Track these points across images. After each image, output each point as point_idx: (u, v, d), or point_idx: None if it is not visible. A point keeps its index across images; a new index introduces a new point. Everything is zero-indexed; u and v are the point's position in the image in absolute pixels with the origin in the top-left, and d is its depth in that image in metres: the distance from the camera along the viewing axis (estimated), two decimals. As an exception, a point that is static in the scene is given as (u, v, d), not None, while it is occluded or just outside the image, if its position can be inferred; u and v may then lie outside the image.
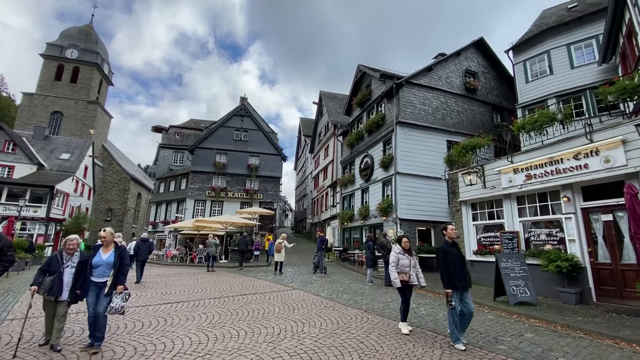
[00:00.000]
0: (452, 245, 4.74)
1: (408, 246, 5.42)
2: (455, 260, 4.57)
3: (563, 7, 15.83)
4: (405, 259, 5.24)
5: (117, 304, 4.17)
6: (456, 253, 4.67)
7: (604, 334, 4.99)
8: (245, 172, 27.67)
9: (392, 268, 5.16)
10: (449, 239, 4.79)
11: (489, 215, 9.99)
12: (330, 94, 31.99)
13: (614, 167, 6.74)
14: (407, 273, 5.18)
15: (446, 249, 4.65)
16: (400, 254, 5.28)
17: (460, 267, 4.58)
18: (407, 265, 5.21)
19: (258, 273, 13.20)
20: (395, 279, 5.08)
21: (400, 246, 5.40)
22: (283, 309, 6.67)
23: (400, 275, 5.13)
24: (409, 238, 5.61)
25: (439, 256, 4.70)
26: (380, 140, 16.84)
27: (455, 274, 4.47)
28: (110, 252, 4.38)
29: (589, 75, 12.76)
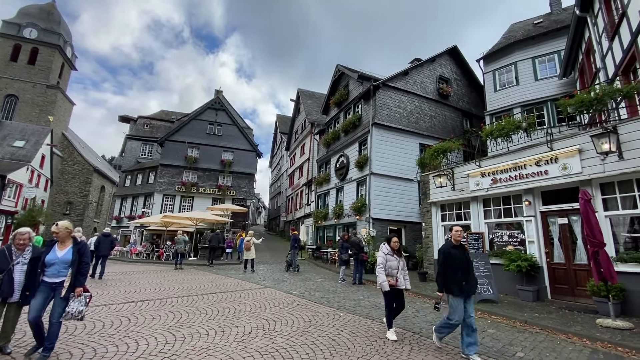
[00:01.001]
0: (457, 248, 4.39)
1: (397, 246, 5.08)
2: (457, 264, 4.23)
3: (530, 22, 16.81)
4: (393, 261, 4.91)
5: (75, 309, 3.73)
6: (460, 256, 4.31)
7: (557, 329, 5.37)
8: (218, 167, 26.94)
9: (380, 270, 4.79)
10: (454, 241, 4.44)
11: (457, 217, 10.42)
12: (308, 92, 31.91)
13: (571, 174, 7.27)
14: (395, 276, 4.86)
15: (447, 251, 4.34)
16: (389, 254, 4.94)
17: (463, 271, 4.22)
18: (395, 267, 4.88)
19: (229, 271, 12.93)
20: (383, 281, 4.70)
21: (389, 246, 5.04)
22: (254, 307, 6.57)
23: (387, 278, 4.78)
24: (399, 239, 5.24)
25: (439, 258, 4.43)
26: (356, 141, 17.05)
27: (454, 278, 4.17)
28: (68, 248, 3.85)
29: (550, 87, 13.66)
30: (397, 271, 4.88)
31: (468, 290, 4.18)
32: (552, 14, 16.43)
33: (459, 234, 4.44)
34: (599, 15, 9.41)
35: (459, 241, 4.43)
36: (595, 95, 6.96)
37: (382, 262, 4.85)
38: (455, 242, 4.42)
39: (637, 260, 6.03)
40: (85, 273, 3.94)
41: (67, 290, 3.80)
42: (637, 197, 6.30)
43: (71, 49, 43.96)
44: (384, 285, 4.68)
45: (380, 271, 4.79)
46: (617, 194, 6.60)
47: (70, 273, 3.86)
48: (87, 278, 4.04)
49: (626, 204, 6.47)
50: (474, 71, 19.78)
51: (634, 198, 6.34)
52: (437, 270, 4.41)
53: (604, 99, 6.93)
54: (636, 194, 6.31)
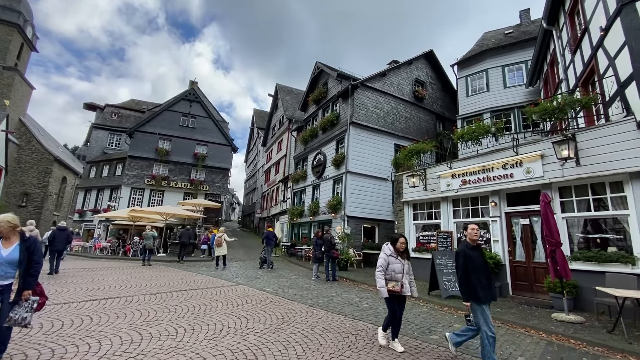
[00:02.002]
0: (474, 249, 3.96)
1: (404, 248, 4.40)
2: (479, 267, 3.81)
3: (501, 32, 17.62)
4: (397, 264, 4.27)
5: (18, 315, 3.27)
6: (479, 258, 3.91)
7: (517, 323, 5.71)
8: (191, 161, 26.10)
9: (379, 274, 4.23)
10: (471, 241, 4.00)
11: (428, 216, 10.77)
12: (287, 87, 31.63)
13: (533, 177, 7.72)
14: (399, 281, 4.22)
15: (467, 253, 3.85)
16: (392, 256, 4.31)
17: (485, 275, 3.83)
18: (399, 271, 4.25)
19: (200, 268, 12.60)
20: (382, 287, 4.16)
21: (393, 247, 4.40)
22: (226, 304, 6.45)
23: (390, 283, 4.20)
24: (406, 239, 4.54)
25: (458, 261, 3.88)
26: (334, 139, 17.14)
27: (479, 283, 3.73)
28: (14, 246, 3.34)
29: (518, 95, 14.42)
30: (402, 275, 4.26)
31: (492, 295, 3.84)
32: (521, 25, 17.31)
33: (475, 233, 4.00)
34: (563, 29, 10.04)
35: (475, 241, 4.01)
36: (558, 105, 7.43)
37: (383, 264, 4.28)
38: (472, 242, 4.00)
39: (589, 259, 6.52)
40: (35, 274, 3.47)
41: (16, 293, 3.36)
42: (591, 200, 6.81)
43: (32, 29, 40.67)
44: (382, 291, 4.17)
45: (379, 275, 4.24)
46: (573, 197, 7.10)
47: (17, 274, 3.40)
48: (37, 279, 3.55)
49: (581, 207, 6.98)
50: (448, 76, 20.48)
51: (588, 201, 6.85)
52: (459, 275, 3.87)
53: (565, 109, 7.41)
54: (590, 198, 6.82)
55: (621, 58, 6.42)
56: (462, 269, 3.82)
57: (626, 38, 6.14)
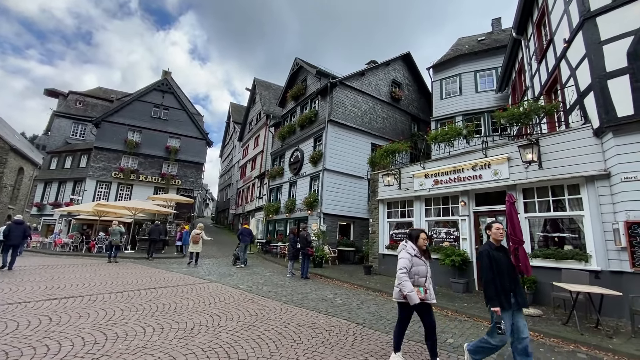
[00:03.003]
0: (499, 250, 3.58)
1: (426, 245, 3.83)
2: (504, 269, 3.44)
3: (475, 38, 18.33)
4: (421, 265, 3.68)
5: None
6: (505, 260, 3.53)
7: (482, 317, 6.01)
8: (162, 154, 25.12)
9: (404, 276, 3.53)
10: (495, 241, 3.63)
11: (401, 214, 11.06)
12: (265, 82, 31.18)
13: (500, 179, 8.13)
14: (423, 286, 3.64)
15: (492, 254, 3.48)
16: (417, 256, 3.70)
17: (511, 279, 3.46)
18: (423, 274, 3.67)
19: (171, 265, 12.21)
20: (412, 291, 3.44)
21: (415, 245, 3.79)
22: (198, 302, 6.30)
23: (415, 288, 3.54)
24: (427, 234, 3.98)
25: (483, 263, 3.50)
26: (312, 136, 17.13)
27: (502, 287, 3.37)
28: None
29: (488, 100, 15.10)
30: (426, 279, 3.70)
31: (523, 301, 3.45)
32: (493, 33, 18.10)
33: (500, 233, 3.61)
34: (531, 39, 10.61)
35: (499, 241, 3.64)
36: (524, 111, 7.86)
37: (407, 265, 3.61)
38: (496, 242, 3.63)
39: (547, 256, 6.98)
40: None
41: None
42: (551, 201, 7.28)
43: (-16, 5, 37.33)
44: (413, 296, 3.41)
45: (404, 277, 3.54)
46: (535, 198, 7.55)
47: None
48: None
49: (542, 208, 7.45)
50: (424, 78, 21.04)
51: (549, 202, 7.32)
52: (484, 278, 3.47)
53: (530, 114, 7.86)
54: (550, 199, 7.29)
55: (581, 69, 6.88)
56: (487, 269, 3.43)
57: (586, 51, 6.59)
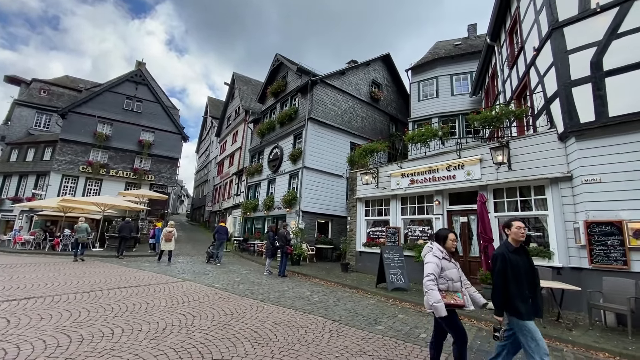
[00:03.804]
0: (518, 252, 3.20)
1: (455, 247, 3.38)
2: (522, 274, 3.10)
3: (451, 43, 18.88)
4: (452, 268, 3.26)
5: None
6: (524, 264, 3.16)
7: (453, 312, 6.23)
8: (135, 148, 24.11)
9: (431, 284, 3.07)
10: (514, 241, 3.23)
11: (379, 212, 11.25)
12: (245, 77, 30.64)
13: (473, 179, 8.45)
14: (458, 291, 3.22)
15: (507, 257, 3.12)
16: (446, 259, 3.26)
17: (530, 284, 3.14)
18: (456, 278, 3.24)
19: (142, 263, 11.76)
20: (439, 302, 2.96)
21: (443, 246, 3.33)
22: (171, 302, 6.11)
23: (448, 295, 3.13)
24: (456, 234, 3.53)
25: (495, 266, 3.16)
26: (292, 134, 17.04)
27: (520, 294, 3.04)
28: None
29: (463, 103, 15.62)
30: (460, 284, 3.27)
31: (536, 309, 3.14)
32: (469, 39, 18.72)
33: (522, 233, 3.22)
34: (504, 46, 11.06)
35: (519, 242, 3.24)
36: (496, 114, 8.20)
37: (435, 270, 3.15)
38: (516, 243, 3.23)
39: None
40: None
41: None
42: (519, 201, 7.65)
43: None
44: (439, 307, 2.94)
45: (431, 285, 3.07)
46: (504, 198, 7.92)
47: None
48: None
49: (510, 207, 7.81)
50: (402, 80, 21.44)
51: (517, 202, 7.70)
52: (494, 282, 3.15)
53: (502, 118, 8.20)
54: (518, 199, 7.67)
55: (549, 76, 7.26)
56: (499, 274, 3.10)
57: (554, 59, 6.96)
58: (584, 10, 6.58)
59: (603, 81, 6.12)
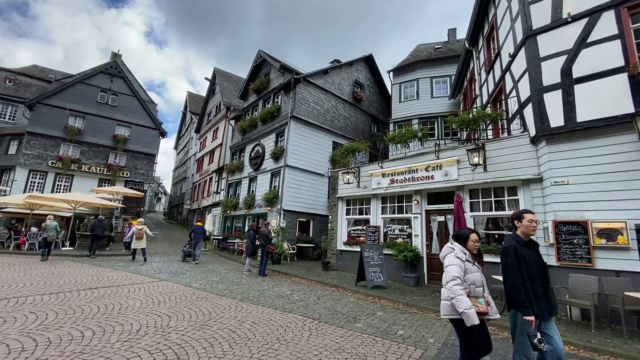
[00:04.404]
0: (529, 246, 3.04)
1: (478, 247, 3.12)
2: (534, 269, 2.90)
3: (432, 46, 19.31)
4: (476, 272, 3.00)
5: None
6: (534, 258, 2.98)
7: (430, 309, 6.40)
8: (109, 143, 23.13)
9: (458, 288, 2.80)
10: (523, 235, 3.07)
11: (359, 211, 11.37)
12: (227, 73, 30.07)
13: (450, 179, 8.69)
14: (482, 297, 2.97)
15: (519, 250, 2.93)
16: (469, 261, 3.01)
17: (541, 281, 2.93)
18: (479, 282, 2.98)
19: (116, 263, 11.34)
20: (469, 308, 2.71)
21: (464, 247, 3.09)
22: (146, 302, 5.93)
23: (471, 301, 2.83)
24: (479, 235, 3.26)
25: (508, 261, 2.94)
26: (274, 132, 16.90)
27: (533, 292, 2.84)
28: None
29: (442, 105, 16.02)
30: (483, 289, 3.02)
31: (550, 308, 2.90)
32: (449, 43, 19.21)
33: (533, 227, 3.03)
34: (481, 51, 11.42)
35: (529, 236, 3.08)
36: (473, 117, 8.47)
37: (460, 273, 2.89)
38: (525, 237, 3.06)
39: (488, 252, 7.59)
40: None
41: None
42: (493, 202, 7.95)
43: None
44: (471, 315, 2.68)
45: (459, 290, 2.80)
46: (480, 198, 8.19)
47: None
48: None
49: (485, 207, 8.10)
50: (384, 81, 21.72)
51: (491, 202, 7.99)
52: (510, 280, 2.90)
53: (478, 121, 8.49)
54: (492, 200, 7.96)
55: (523, 82, 7.57)
56: (514, 269, 2.88)
57: (527, 66, 7.26)
58: (557, 19, 6.90)
59: (572, 88, 6.45)
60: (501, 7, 9.19)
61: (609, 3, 6.26)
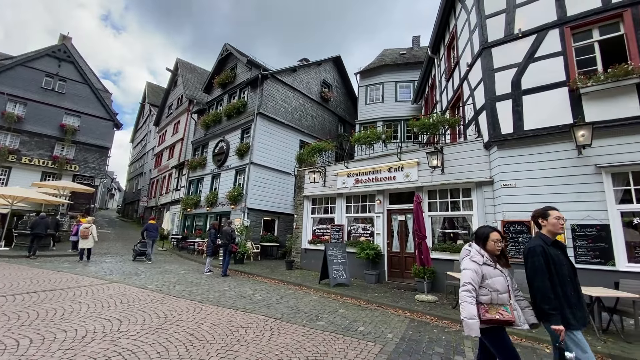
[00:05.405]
0: (556, 246, 2.71)
1: (500, 248, 2.70)
2: (567, 274, 2.60)
3: (397, 51, 19.97)
4: (499, 276, 2.62)
5: None
6: (566, 261, 2.68)
7: (389, 305, 6.62)
8: (55, 133, 21.13)
9: (466, 295, 2.50)
10: (550, 234, 2.75)
11: (325, 210, 11.46)
12: (190, 65, 28.78)
13: (411, 180, 9.06)
14: (506, 304, 2.55)
15: (547, 251, 2.62)
16: (488, 264, 2.64)
17: (573, 285, 2.61)
18: (504, 287, 2.58)
19: (61, 264, 10.40)
20: (472, 317, 2.42)
21: (483, 249, 2.72)
22: (94, 306, 5.51)
23: (492, 309, 2.52)
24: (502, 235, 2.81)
25: (535, 263, 2.60)
26: (239, 128, 16.48)
27: (566, 299, 2.54)
28: None
29: (405, 109, 16.64)
30: (509, 295, 2.60)
31: (584, 317, 2.58)
32: (413, 49, 19.99)
33: (561, 225, 2.74)
34: (442, 59, 12.02)
35: (556, 235, 2.77)
36: (433, 122, 8.89)
37: (474, 279, 2.56)
38: (552, 236, 2.75)
39: (444, 250, 8.05)
40: None
41: None
42: (449, 202, 8.41)
43: None
44: (472, 324, 2.40)
45: (466, 296, 2.51)
46: (437, 199, 8.63)
47: None
48: None
49: (442, 207, 8.55)
50: (351, 83, 22.09)
51: (447, 203, 8.44)
52: (538, 284, 2.56)
53: (438, 126, 8.93)
54: (449, 200, 8.42)
55: (478, 91, 8.08)
56: (541, 273, 2.55)
57: (483, 75, 7.76)
58: (509, 34, 7.45)
59: (521, 98, 7.01)
60: (461, 19, 9.73)
61: (555, 22, 6.88)
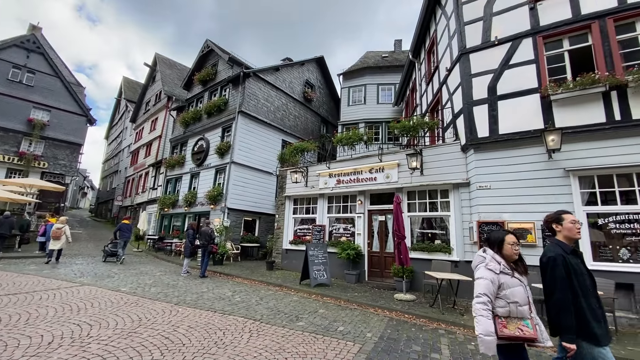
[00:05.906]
0: (575, 254, 2.47)
1: (518, 253, 2.49)
2: (587, 284, 2.38)
3: (380, 54, 20.24)
4: (518, 286, 2.40)
5: None
6: (585, 270, 2.45)
7: (369, 304, 6.69)
8: (22, 128, 20.00)
9: (482, 307, 2.30)
10: (567, 240, 2.52)
11: (306, 210, 11.44)
12: (170, 60, 27.98)
13: (391, 182, 9.20)
14: (526, 318, 2.34)
15: (566, 260, 2.38)
16: (505, 273, 2.41)
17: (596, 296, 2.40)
18: (523, 299, 2.37)
19: (27, 266, 9.83)
20: (488, 334, 2.23)
21: (499, 255, 2.49)
22: (62, 310, 5.24)
23: (510, 324, 2.31)
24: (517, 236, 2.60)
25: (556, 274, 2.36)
26: (220, 126, 16.18)
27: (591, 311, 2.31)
28: None
29: (386, 111, 16.90)
30: (529, 308, 2.39)
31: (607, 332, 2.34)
32: (395, 52, 20.33)
33: (577, 229, 2.51)
34: (423, 63, 12.28)
35: (573, 241, 2.55)
36: (413, 124, 9.08)
37: (489, 290, 2.35)
38: (570, 242, 2.52)
39: (422, 249, 8.22)
40: None
41: None
42: (428, 203, 8.60)
43: None
44: (487, 343, 2.21)
45: (482, 309, 2.30)
46: (416, 200, 8.81)
47: None
48: None
49: (421, 208, 8.73)
50: (334, 84, 22.20)
51: (426, 204, 8.63)
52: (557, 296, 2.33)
53: (417, 128, 9.12)
54: (427, 201, 8.61)
55: (457, 95, 8.31)
56: (563, 285, 2.32)
57: (461, 80, 7.99)
58: (486, 41, 7.71)
59: (496, 103, 7.27)
60: (441, 24, 9.98)
61: (529, 31, 7.19)
